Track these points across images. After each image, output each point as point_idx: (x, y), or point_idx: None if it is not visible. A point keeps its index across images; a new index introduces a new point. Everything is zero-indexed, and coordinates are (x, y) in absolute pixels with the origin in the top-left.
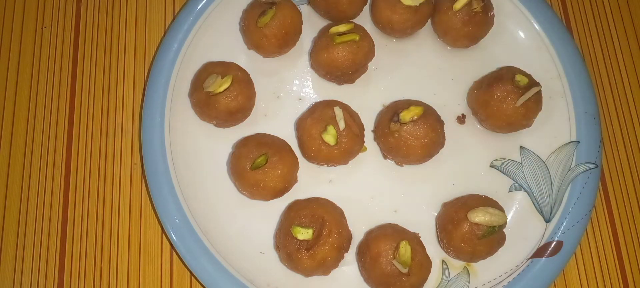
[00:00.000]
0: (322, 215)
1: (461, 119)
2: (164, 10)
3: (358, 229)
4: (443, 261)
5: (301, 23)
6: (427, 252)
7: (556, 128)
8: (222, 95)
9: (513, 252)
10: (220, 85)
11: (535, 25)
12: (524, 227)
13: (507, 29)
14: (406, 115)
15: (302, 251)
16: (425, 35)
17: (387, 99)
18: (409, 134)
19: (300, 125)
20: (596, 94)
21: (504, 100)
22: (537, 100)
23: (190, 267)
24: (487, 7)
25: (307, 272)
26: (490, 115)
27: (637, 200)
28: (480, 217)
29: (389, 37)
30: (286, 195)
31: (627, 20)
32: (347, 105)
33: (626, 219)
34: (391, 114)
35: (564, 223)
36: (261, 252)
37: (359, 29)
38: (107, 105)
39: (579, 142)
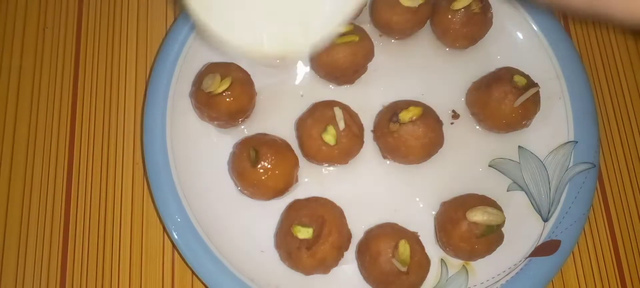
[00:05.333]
0: (322, 215)
1: (454, 115)
2: (165, 11)
3: (358, 228)
4: (442, 260)
5: None
6: (426, 251)
7: (554, 128)
8: (223, 96)
9: (511, 251)
10: (220, 85)
11: (533, 26)
12: (522, 226)
13: (505, 30)
14: (405, 116)
15: (302, 250)
16: (425, 36)
17: (386, 99)
18: (408, 134)
19: (300, 125)
20: (594, 94)
21: (503, 100)
22: (536, 100)
23: (192, 265)
24: (485, 8)
25: (307, 271)
26: (488, 116)
27: (635, 200)
28: (478, 216)
29: (388, 37)
30: (286, 194)
31: None
32: (346, 105)
33: (624, 218)
34: (390, 114)
35: (562, 223)
36: (262, 251)
37: (358, 30)
38: (109, 105)
39: (577, 142)
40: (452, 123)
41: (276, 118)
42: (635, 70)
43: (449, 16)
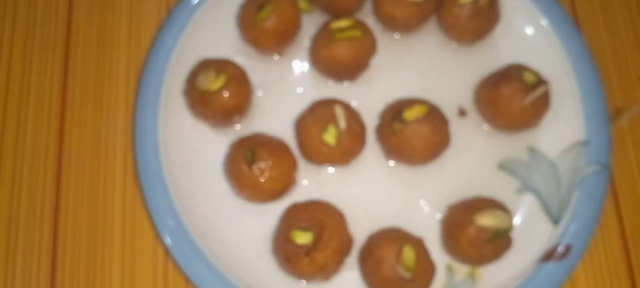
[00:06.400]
0: (322, 219)
1: (462, 113)
2: (158, 6)
3: (360, 233)
4: (448, 266)
5: (300, 18)
6: (432, 257)
7: (565, 127)
8: (218, 94)
9: (520, 256)
10: (214, 82)
11: (542, 21)
12: (531, 230)
13: (514, 25)
14: (410, 114)
15: (301, 256)
16: (430, 31)
17: (390, 97)
18: (413, 133)
19: (300, 124)
20: (606, 92)
21: (512, 99)
22: (546, 99)
23: (185, 272)
24: (492, 1)
25: (307, 277)
26: (497, 115)
27: None
28: (487, 220)
29: (391, 32)
30: (285, 197)
31: (636, 16)
32: (348, 103)
33: (636, 222)
34: (394, 112)
35: (573, 226)
36: (259, 257)
37: (360, 25)
38: (99, 104)
39: (589, 142)
40: (461, 115)
41: (274, 117)
42: None
43: (455, 10)
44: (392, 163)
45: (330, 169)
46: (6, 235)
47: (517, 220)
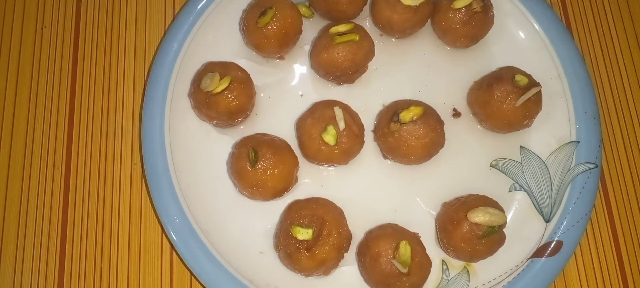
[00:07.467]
0: (322, 215)
1: (456, 113)
2: (164, 10)
3: (358, 229)
4: (443, 261)
5: (301, 23)
6: (427, 252)
7: (556, 128)
8: (222, 96)
9: (513, 252)
10: (219, 84)
11: (535, 25)
12: (523, 227)
13: (507, 29)
14: (406, 115)
15: (301, 251)
16: (425, 35)
17: (387, 99)
18: (409, 133)
19: (300, 125)
20: (596, 94)
21: (504, 100)
22: (537, 100)
23: (190, 266)
24: (486, 7)
25: (307, 272)
26: (490, 115)
27: (637, 200)
28: (480, 217)
29: (388, 37)
30: (286, 195)
31: (627, 20)
32: (347, 105)
33: (626, 219)
34: (391, 113)
35: (564, 223)
36: (261, 252)
37: (359, 29)
38: (107, 105)
39: (579, 142)
40: (455, 116)
41: (276, 118)
42: (637, 70)
43: (450, 15)
44: (389, 162)
45: (330, 168)
46: (16, 230)
47: (509, 217)
